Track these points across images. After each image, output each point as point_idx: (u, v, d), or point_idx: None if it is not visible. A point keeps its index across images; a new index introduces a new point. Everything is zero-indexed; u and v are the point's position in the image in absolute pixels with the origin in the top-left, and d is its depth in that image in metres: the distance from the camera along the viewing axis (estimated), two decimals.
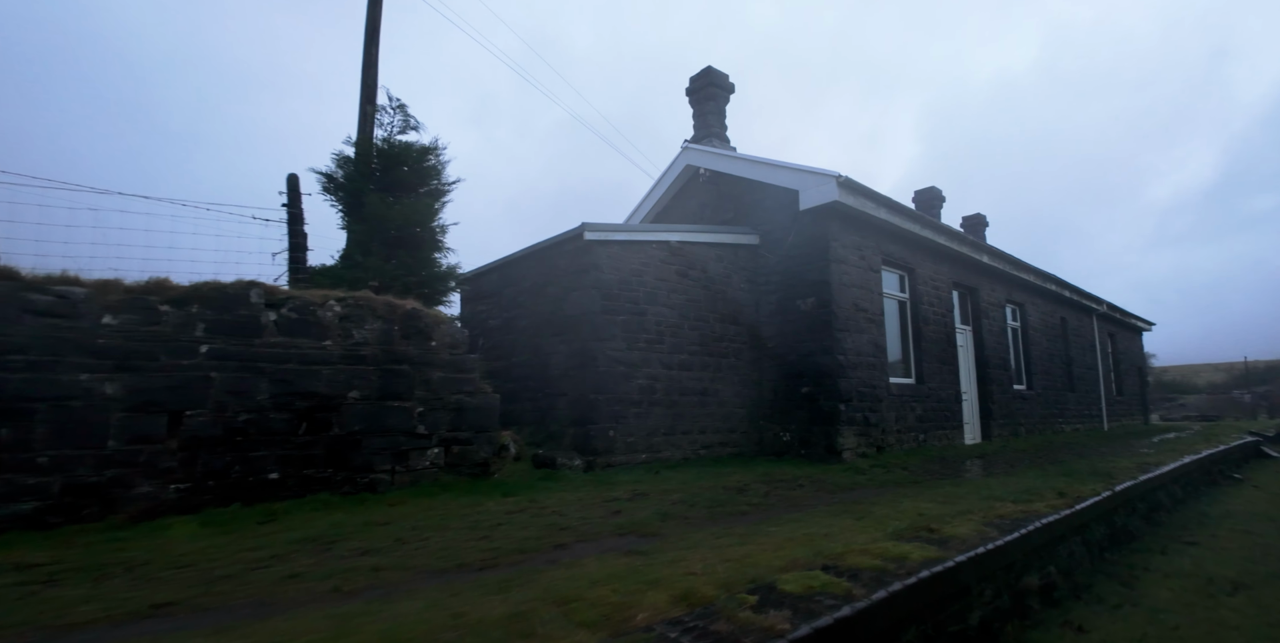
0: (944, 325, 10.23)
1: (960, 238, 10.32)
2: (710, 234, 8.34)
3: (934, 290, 10.17)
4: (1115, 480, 6.65)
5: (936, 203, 16.21)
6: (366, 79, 9.67)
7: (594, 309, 6.82)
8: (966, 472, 7.06)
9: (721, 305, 8.42)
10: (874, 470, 7.08)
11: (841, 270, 8.26)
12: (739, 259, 8.82)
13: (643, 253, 7.41)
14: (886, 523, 4.11)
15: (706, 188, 10.12)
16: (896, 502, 4.98)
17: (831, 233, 8.24)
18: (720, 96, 10.46)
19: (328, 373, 4.85)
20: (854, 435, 7.93)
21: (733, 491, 5.61)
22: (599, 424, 6.66)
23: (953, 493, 5.50)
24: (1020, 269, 12.42)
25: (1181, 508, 8.11)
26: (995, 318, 11.86)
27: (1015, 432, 11.81)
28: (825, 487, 5.95)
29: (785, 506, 4.98)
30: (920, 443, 9.12)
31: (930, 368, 9.71)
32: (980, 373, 11.21)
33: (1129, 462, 8.52)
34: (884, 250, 9.15)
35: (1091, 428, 15.70)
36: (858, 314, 8.40)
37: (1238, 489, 10.28)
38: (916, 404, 9.21)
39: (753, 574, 2.96)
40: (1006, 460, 8.28)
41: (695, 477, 6.34)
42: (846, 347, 8.08)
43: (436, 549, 3.51)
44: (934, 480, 6.49)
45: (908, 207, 8.91)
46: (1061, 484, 6.02)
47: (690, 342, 7.83)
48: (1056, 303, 14.76)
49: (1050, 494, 5.45)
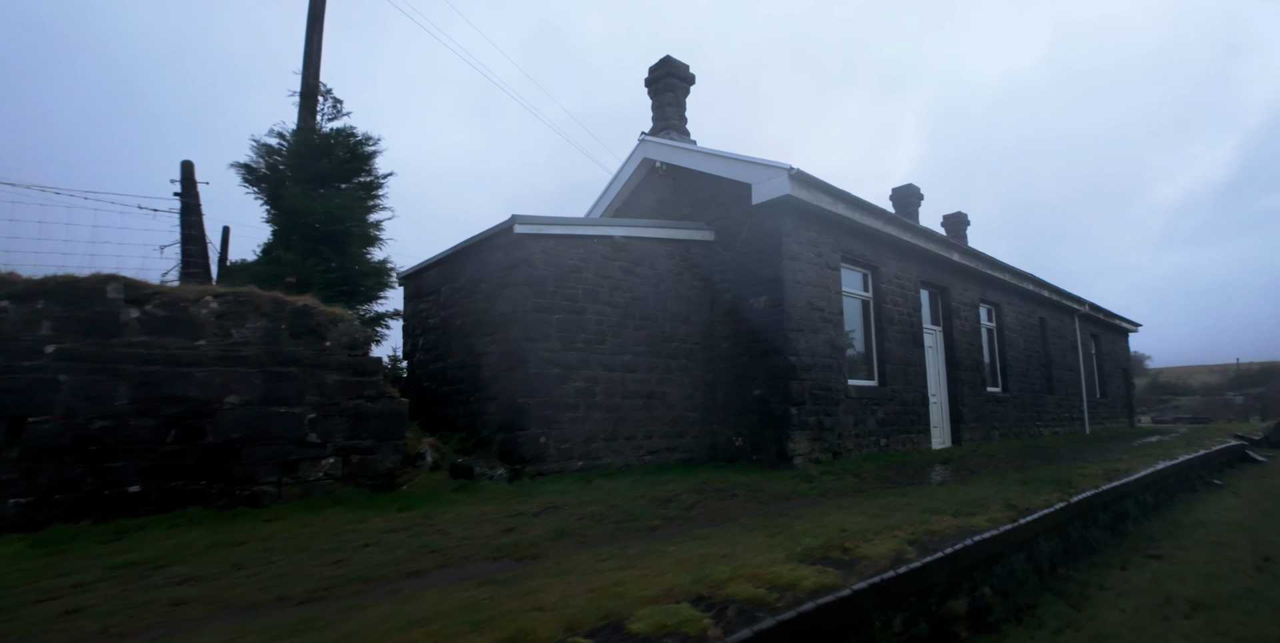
0: (910, 325, 9.85)
1: (928, 235, 9.95)
2: (659, 229, 7.94)
3: (900, 289, 9.79)
4: (1075, 490, 6.27)
5: (914, 201, 15.84)
6: (308, 69, 9.27)
7: (525, 307, 6.42)
8: (920, 480, 6.67)
9: (672, 304, 8.02)
10: (823, 478, 6.69)
11: (795, 268, 7.87)
12: (692, 256, 8.43)
13: (582, 248, 7.01)
14: (800, 540, 3.71)
15: (664, 182, 9.73)
16: (826, 515, 4.58)
17: (785, 229, 7.85)
18: (679, 88, 10.07)
19: (201, 376, 4.42)
20: (807, 440, 7.54)
21: (658, 502, 5.20)
22: (529, 430, 6.25)
23: (893, 504, 5.11)
24: (994, 268, 12.06)
25: (1152, 517, 7.74)
26: (968, 318, 11.49)
27: (988, 436, 11.43)
28: (761, 497, 5.55)
29: (704, 519, 4.57)
30: (882, 448, 8.73)
31: (894, 370, 9.33)
32: (951, 375, 10.83)
33: (1098, 468, 8.15)
34: (844, 247, 8.77)
35: (1072, 431, 15.35)
36: (813, 313, 8.01)
37: (1216, 496, 9.92)
38: (878, 407, 8.83)
39: (610, 608, 2.56)
40: (969, 467, 7.90)
41: (627, 486, 5.93)
42: (799, 347, 7.69)
43: (272, 576, 3.09)
44: (881, 489, 6.10)
45: (869, 202, 8.54)
46: (1014, 494, 5.63)
47: (635, 342, 7.43)
48: (1035, 303, 14.40)
49: (997, 506, 5.06)
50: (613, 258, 7.31)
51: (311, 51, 9.39)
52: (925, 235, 9.92)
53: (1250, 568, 5.69)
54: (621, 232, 7.42)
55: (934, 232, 10.05)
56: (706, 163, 8.67)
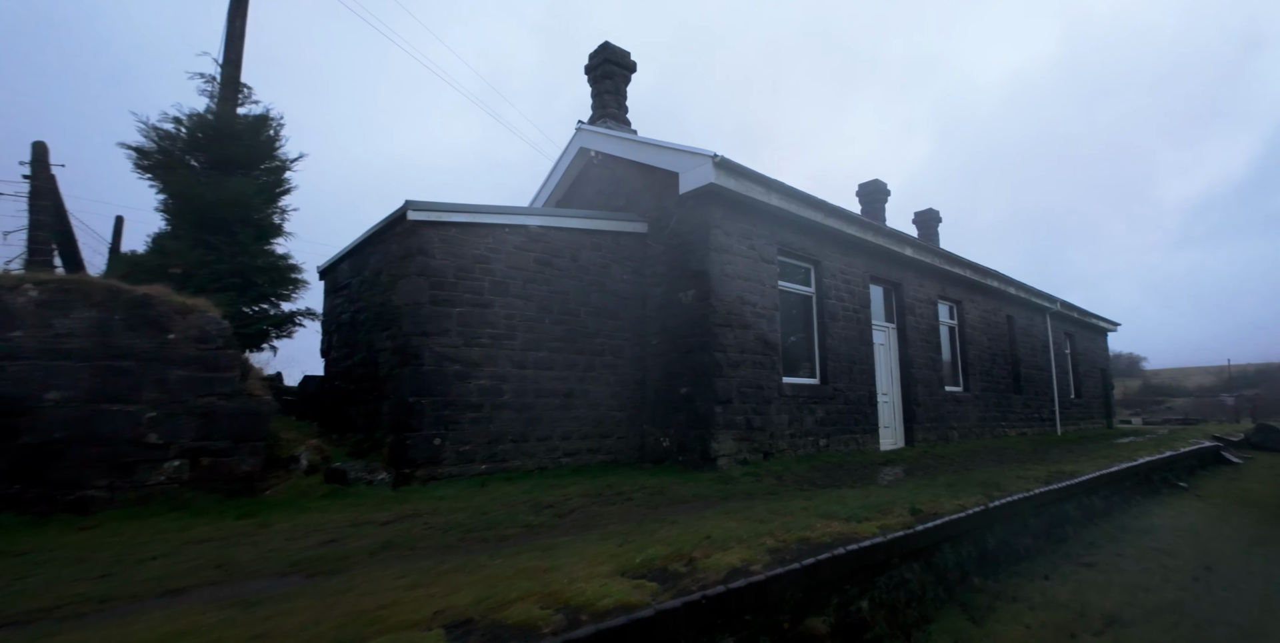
0: (857, 322, 9.49)
1: (876, 229, 9.60)
2: (583, 219, 7.56)
3: (846, 284, 9.43)
4: (1002, 493, 5.90)
5: (880, 196, 15.51)
6: (229, 52, 8.89)
7: (421, 300, 6.03)
8: (842, 482, 6.29)
9: (598, 298, 7.63)
10: (742, 480, 6.31)
11: (725, 260, 7.50)
12: (622, 249, 8.05)
13: (491, 237, 6.62)
14: (647, 550, 3.32)
15: (601, 173, 9.36)
16: (704, 521, 4.20)
17: (713, 219, 7.48)
18: (618, 75, 9.70)
19: (15, 369, 4.02)
20: (733, 440, 7.16)
21: (537, 508, 4.81)
22: (421, 432, 5.85)
23: (789, 508, 4.73)
24: (953, 264, 11.71)
25: (1098, 522, 7.38)
26: (924, 315, 11.14)
27: (945, 436, 11.07)
28: (656, 501, 5.16)
29: (570, 527, 4.18)
30: (820, 449, 8.35)
31: (838, 367, 8.96)
32: (904, 373, 10.46)
33: (1044, 470, 7.79)
34: (782, 240, 8.40)
35: (1041, 433, 15.01)
36: (744, 308, 7.64)
37: (1177, 500, 9.56)
38: (817, 406, 8.45)
39: (349, 636, 2.17)
40: (906, 469, 7.53)
41: (522, 491, 5.53)
42: (727, 343, 7.31)
43: (4, 595, 2.69)
44: (795, 492, 5.72)
45: (807, 193, 8.17)
46: (929, 498, 5.25)
47: (553, 338, 7.04)
48: (1001, 300, 14.07)
49: (901, 510, 4.68)
50: (527, 248, 6.93)
51: (234, 35, 9.02)
52: (873, 229, 9.57)
53: (1185, 578, 5.34)
54: (538, 221, 7.04)
55: (881, 225, 9.70)
56: (637, 151, 8.30)
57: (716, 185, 7.13)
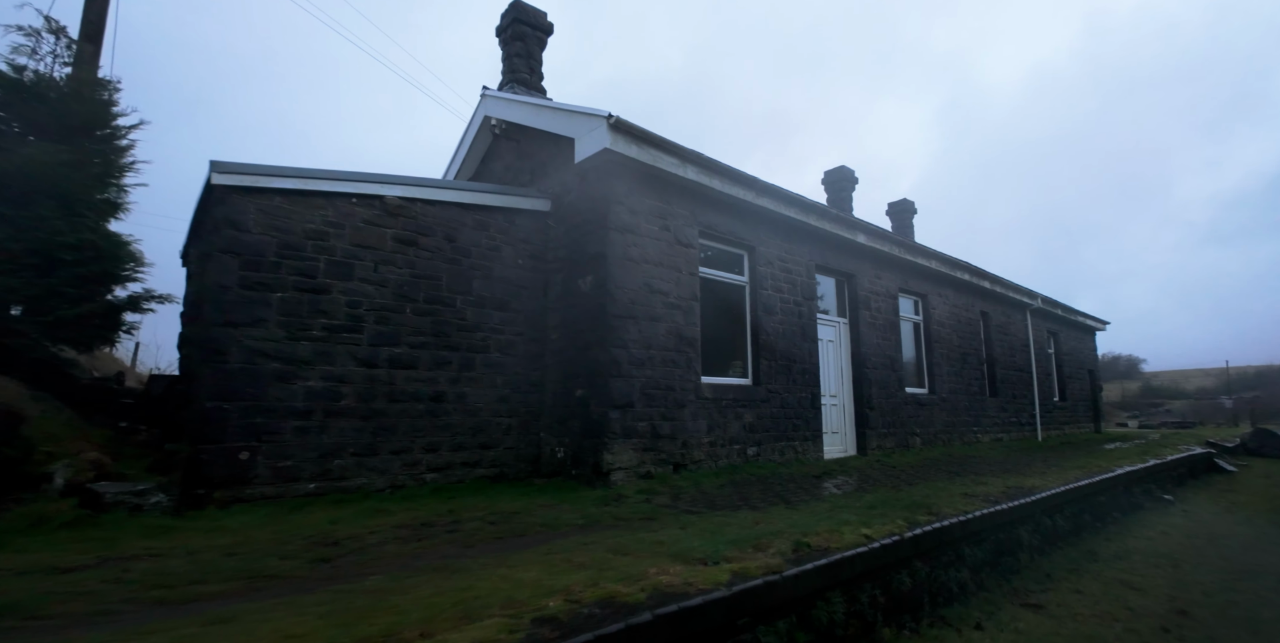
0: (799, 316, 8.43)
1: (821, 212, 8.55)
2: (462, 193, 6.50)
3: (786, 274, 8.38)
4: (934, 516, 4.83)
5: (847, 184, 14.47)
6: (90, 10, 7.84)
7: (228, 282, 4.96)
8: (752, 501, 5.23)
9: (482, 286, 6.58)
10: (632, 499, 5.25)
11: (628, 242, 6.45)
12: (518, 229, 7.00)
13: (331, 209, 5.57)
14: (357, 625, 2.27)
15: (508, 146, 8.31)
16: (505, 567, 3.12)
17: (615, 194, 6.43)
18: (531, 36, 8.65)
19: None
20: (632, 451, 6.10)
21: (317, 546, 3.75)
22: (222, 444, 4.79)
23: (644, 542, 3.66)
24: (916, 254, 10.66)
25: (1061, 547, 6.33)
26: (882, 310, 10.09)
27: (906, 443, 10.02)
28: (488, 533, 4.09)
29: (316, 579, 3.09)
30: (748, 459, 7.29)
31: (773, 366, 7.91)
32: (857, 373, 9.41)
33: (1000, 484, 6.74)
34: (706, 222, 7.35)
35: (1020, 438, 13.96)
36: (653, 298, 6.59)
37: (1160, 516, 8.50)
38: (746, 410, 7.39)
39: None
40: (840, 483, 6.47)
41: (330, 519, 4.46)
42: (629, 338, 6.26)
43: None
44: (679, 515, 4.65)
45: (734, 168, 7.13)
46: (834, 525, 4.19)
47: (416, 331, 5.99)
48: (974, 295, 13.03)
49: (784, 544, 3.61)
50: (383, 224, 5.87)
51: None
52: (818, 213, 8.52)
53: (1153, 627, 4.28)
54: (399, 191, 5.98)
55: (827, 208, 8.65)
56: (537, 116, 7.25)
57: (615, 153, 6.09)
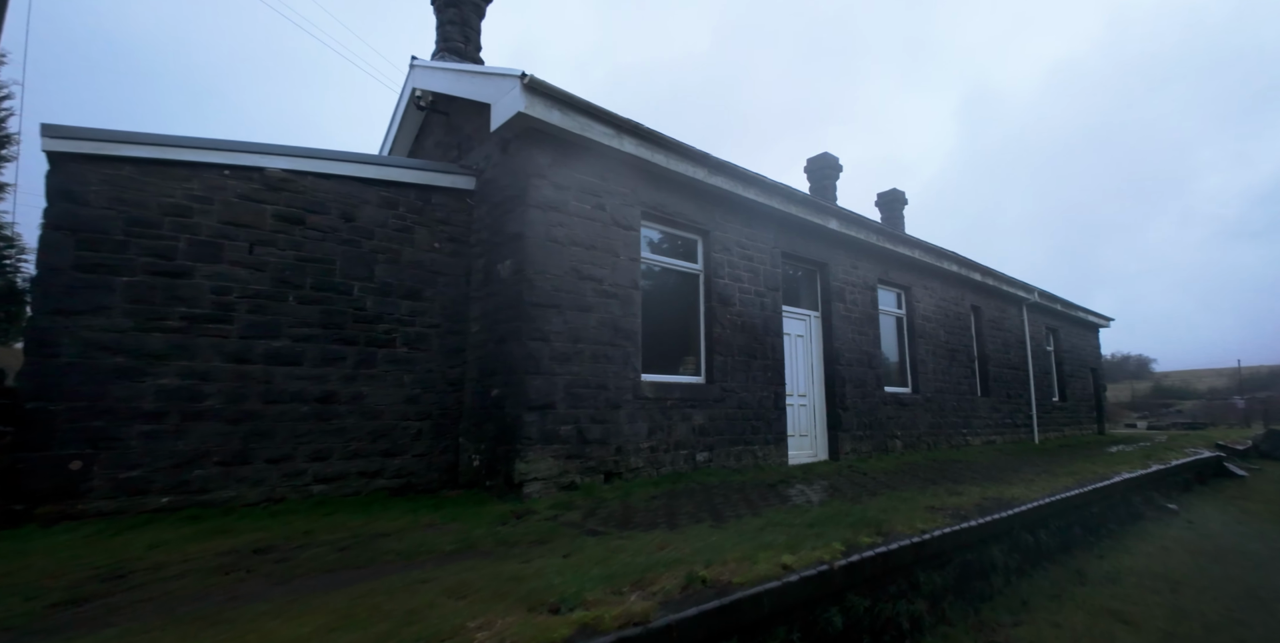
0: (761, 307, 7.67)
1: (786, 194, 7.78)
2: (363, 166, 5.76)
3: (746, 262, 7.62)
4: (880, 538, 4.06)
5: (831, 172, 13.67)
6: None
7: (60, 263, 4.25)
8: (680, 517, 4.45)
9: (388, 271, 5.84)
10: (539, 516, 4.50)
11: (552, 221, 5.70)
12: (434, 209, 6.26)
13: (199, 182, 4.84)
14: None
15: (438, 120, 7.58)
16: (277, 616, 2.40)
17: (537, 167, 5.68)
18: (466, 3, 7.91)
19: None
20: (553, 458, 5.35)
21: (95, 579, 3.01)
22: (48, 451, 4.07)
23: (495, 578, 2.91)
24: (897, 242, 9.87)
25: (1045, 567, 5.53)
26: (858, 302, 9.31)
27: (884, 446, 9.23)
28: (318, 565, 3.34)
29: (36, 631, 2.39)
30: (697, 465, 6.53)
31: (730, 362, 7.15)
32: (829, 371, 8.63)
33: (977, 494, 5.95)
34: (649, 201, 6.60)
35: (1015, 440, 13.13)
36: (583, 285, 5.84)
37: (1162, 527, 7.68)
38: (696, 411, 6.63)
39: None
40: (795, 494, 5.70)
41: (149, 544, 3.72)
42: (550, 329, 5.51)
43: None
44: (580, 539, 3.89)
45: (681, 142, 6.38)
46: (751, 549, 3.41)
47: (301, 321, 5.26)
48: (964, 288, 12.21)
49: (674, 578, 2.85)
50: (261, 199, 5.14)
51: None
52: (782, 195, 7.75)
53: None
54: (283, 163, 5.25)
55: (795, 190, 7.87)
56: (457, 83, 6.51)
57: (533, 119, 5.34)
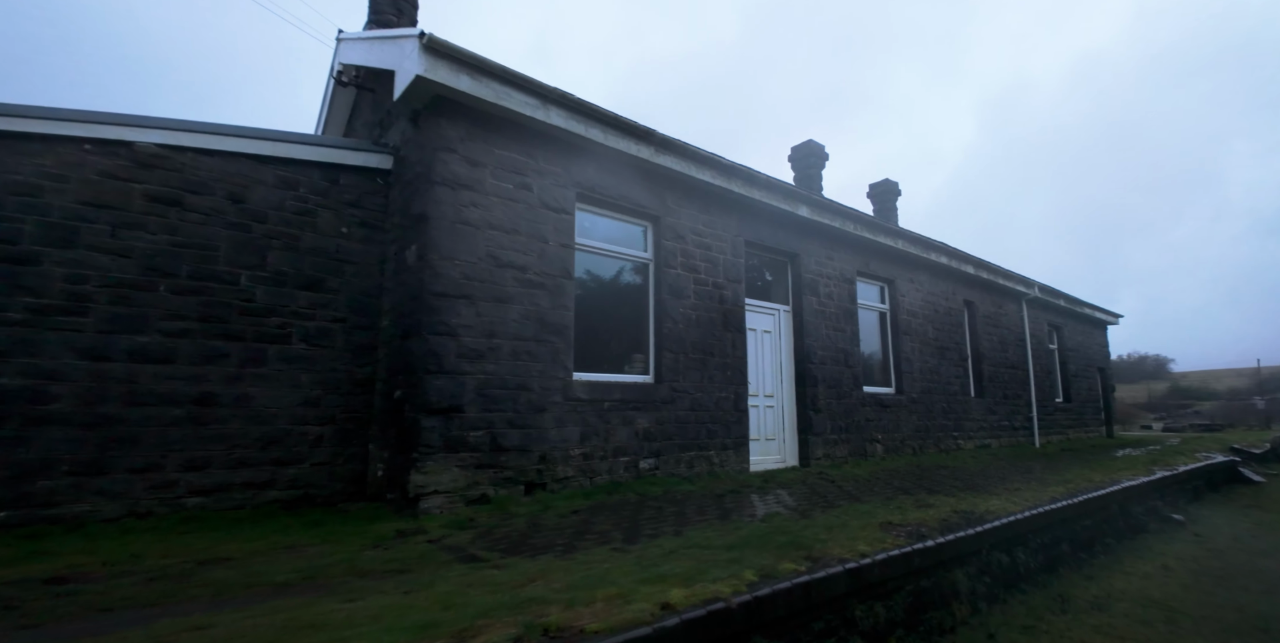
0: (719, 300, 7.02)
1: (747, 177, 7.13)
2: (255, 142, 5.19)
3: (703, 251, 6.98)
4: (814, 563, 3.42)
5: (815, 161, 12.97)
6: None
7: None
8: (586, 539, 3.83)
9: (283, 259, 5.27)
10: (429, 535, 3.90)
11: (463, 201, 5.10)
12: (344, 191, 5.69)
13: (53, 157, 4.29)
14: None
15: (365, 98, 7.03)
16: None
17: (446, 139, 5.09)
18: None
19: None
20: (459, 469, 4.74)
21: None
22: None
23: (284, 628, 2.33)
24: (877, 232, 9.18)
25: (1022, 591, 4.84)
26: (834, 295, 8.64)
27: (863, 450, 8.54)
28: (110, 600, 2.76)
29: None
30: (641, 473, 5.89)
31: (682, 360, 6.51)
32: (799, 370, 7.97)
33: (948, 506, 5.28)
34: (585, 182, 5.99)
35: (1012, 444, 12.36)
36: (500, 273, 5.23)
37: (1165, 542, 6.91)
38: (640, 414, 6.01)
39: None
40: (739, 506, 5.04)
41: None
42: (458, 323, 4.91)
43: None
44: (458, 564, 3.28)
45: (615, 113, 5.76)
46: (625, 588, 2.80)
47: (175, 315, 4.69)
48: (955, 282, 11.48)
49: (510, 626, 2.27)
50: (130, 178, 4.58)
51: None
52: (743, 178, 7.11)
53: None
54: (155, 137, 4.69)
55: (759, 174, 7.22)
56: (369, 53, 5.94)
57: (436, 84, 4.75)
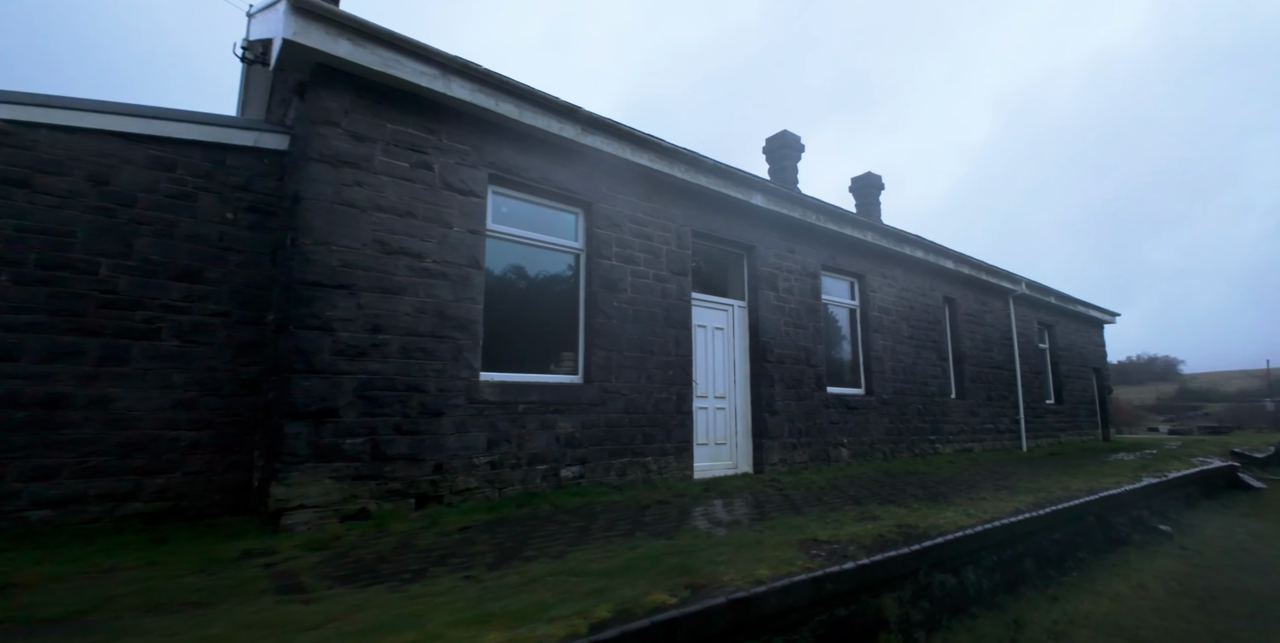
0: (662, 294, 6.50)
1: (691, 161, 6.61)
2: (124, 118, 4.69)
3: (643, 241, 6.46)
4: (694, 592, 2.89)
5: (790, 152, 12.43)
6: None
7: None
8: (442, 565, 3.30)
9: (155, 247, 4.78)
10: (274, 557, 3.38)
11: (346, 179, 4.60)
12: (231, 173, 5.20)
13: None
14: None
15: (280, 77, 6.54)
16: None
17: (325, 111, 4.59)
18: None
19: None
20: (332, 481, 4.22)
21: None
22: None
23: None
24: (844, 223, 8.64)
25: (969, 615, 4.29)
26: (794, 290, 8.09)
27: (826, 455, 7.99)
28: None
29: None
30: (563, 482, 5.36)
31: (616, 358, 5.99)
32: (755, 368, 7.43)
33: (893, 518, 4.73)
34: (501, 163, 5.48)
35: (997, 448, 11.77)
36: (391, 261, 4.72)
37: (1146, 557, 6.26)
38: (564, 417, 5.48)
39: None
40: (660, 519, 4.51)
41: None
42: (334, 316, 4.40)
43: None
44: (260, 598, 2.77)
45: (531, 87, 5.26)
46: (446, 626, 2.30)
47: (18, 307, 4.20)
48: (934, 277, 10.91)
49: None
50: None
51: None
52: (687, 162, 6.58)
53: None
54: (3, 111, 4.21)
55: (705, 158, 6.69)
56: (262, 24, 5.44)
57: (311, 50, 4.27)
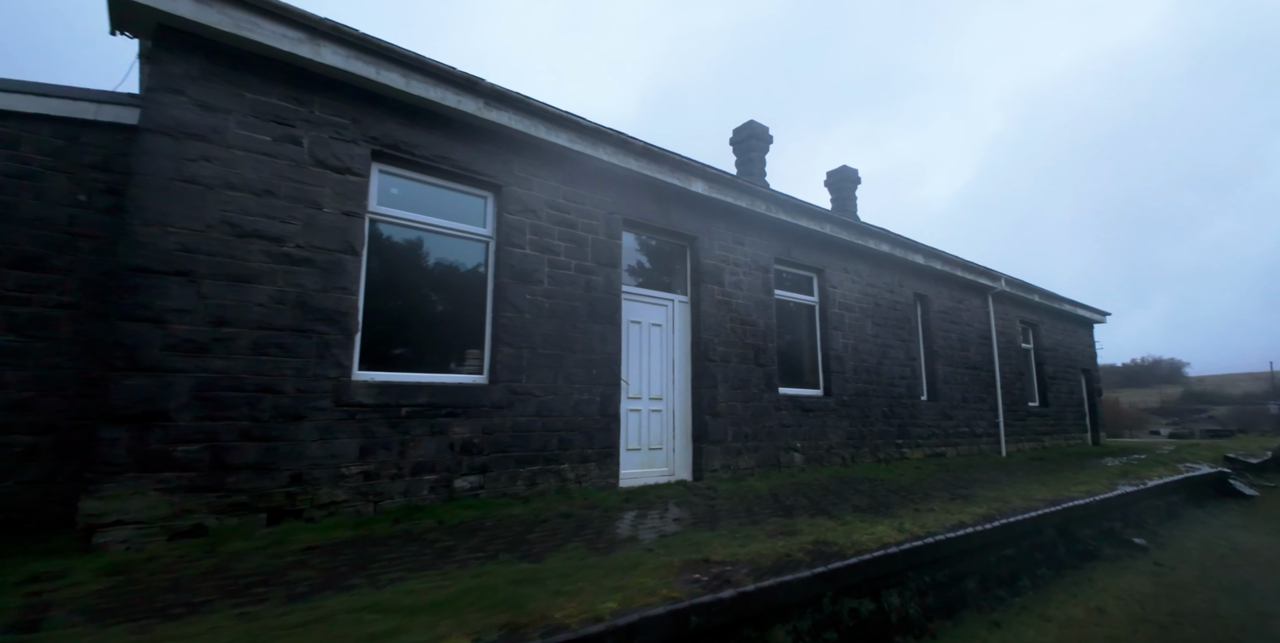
0: (586, 287, 5.97)
1: (619, 143, 6.08)
2: None
3: (564, 229, 5.94)
4: (506, 632, 2.38)
5: (758, 144, 11.91)
6: None
7: None
8: (224, 599, 2.73)
9: (9, 230, 4.27)
10: (37, 590, 2.85)
11: (190, 153, 4.08)
12: (85, 152, 4.67)
13: None
14: None
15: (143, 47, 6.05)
16: None
17: (168, 78, 4.08)
18: None
19: None
20: (159, 493, 3.68)
21: None
22: None
23: None
24: (798, 215, 8.10)
25: None
26: (742, 285, 7.56)
27: (777, 461, 7.43)
28: None
29: None
30: (453, 494, 4.82)
31: (527, 357, 5.46)
32: (697, 367, 6.89)
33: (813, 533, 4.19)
34: (383, 137, 4.95)
35: (972, 453, 11.19)
36: (243, 245, 4.20)
37: (1113, 574, 5.64)
38: (459, 422, 4.94)
39: None
40: (546, 538, 3.96)
41: None
42: (167, 306, 3.87)
43: None
44: None
45: (420, 55, 4.75)
46: None
47: None
48: (902, 273, 10.37)
49: None
50: None
51: None
52: (614, 143, 6.06)
53: None
54: None
55: (636, 140, 6.17)
56: None
57: (141, 7, 3.78)
